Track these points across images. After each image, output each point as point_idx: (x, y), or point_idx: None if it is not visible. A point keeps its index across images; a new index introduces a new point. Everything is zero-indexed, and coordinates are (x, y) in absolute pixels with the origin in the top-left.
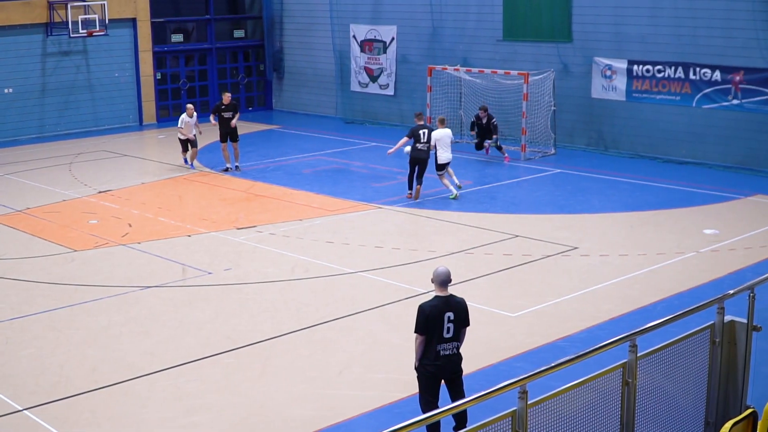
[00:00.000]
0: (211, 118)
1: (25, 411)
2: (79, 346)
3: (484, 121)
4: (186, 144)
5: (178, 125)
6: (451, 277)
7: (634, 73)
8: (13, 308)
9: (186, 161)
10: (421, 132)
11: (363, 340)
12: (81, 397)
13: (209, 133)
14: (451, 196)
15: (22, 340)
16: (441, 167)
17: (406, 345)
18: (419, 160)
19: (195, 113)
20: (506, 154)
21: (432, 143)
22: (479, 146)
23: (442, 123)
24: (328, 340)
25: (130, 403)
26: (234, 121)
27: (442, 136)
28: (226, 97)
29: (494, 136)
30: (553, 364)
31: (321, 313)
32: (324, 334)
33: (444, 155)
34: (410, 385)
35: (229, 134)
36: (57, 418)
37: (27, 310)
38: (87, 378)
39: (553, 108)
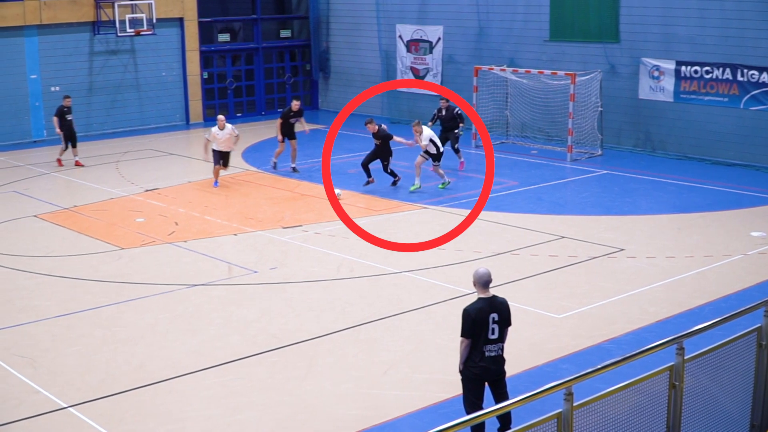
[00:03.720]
0: (279, 125)
1: (70, 408)
2: (125, 343)
3: (444, 113)
4: (220, 158)
5: (206, 136)
6: (492, 278)
7: (682, 74)
8: (60, 305)
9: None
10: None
11: (408, 340)
12: (127, 395)
13: (255, 134)
14: (441, 185)
15: (69, 337)
16: (439, 157)
17: (451, 345)
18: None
19: (228, 125)
20: (462, 159)
21: (425, 142)
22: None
23: (418, 125)
24: (374, 339)
25: (176, 400)
26: (305, 127)
27: (431, 133)
28: (296, 105)
29: (460, 125)
30: (599, 366)
31: (366, 313)
32: (369, 333)
33: (440, 148)
34: (455, 386)
35: (293, 135)
36: (102, 415)
37: (74, 307)
38: (133, 375)
39: (600, 109)
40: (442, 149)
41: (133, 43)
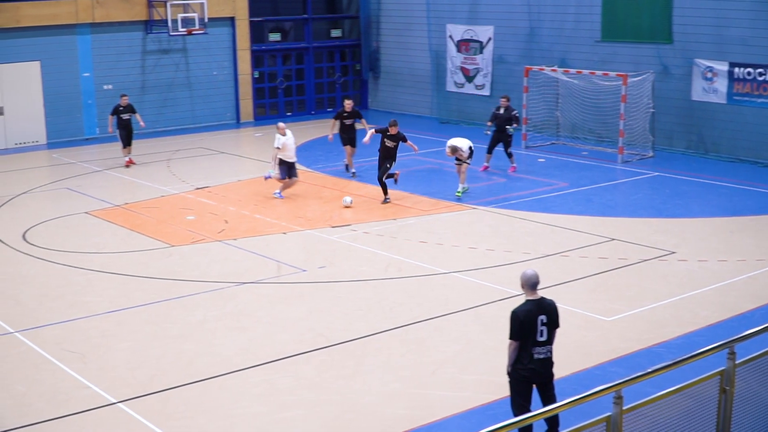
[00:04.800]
0: (333, 125)
1: (119, 404)
2: (175, 340)
3: (502, 111)
4: (288, 169)
5: (275, 145)
6: (540, 280)
7: (735, 76)
8: (111, 301)
9: (276, 180)
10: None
11: (457, 341)
12: (176, 391)
13: (305, 133)
14: (459, 192)
15: (119, 333)
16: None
17: (500, 347)
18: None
19: (288, 131)
20: (514, 164)
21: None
22: (492, 147)
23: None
24: (421, 339)
25: (225, 397)
26: (368, 133)
27: (466, 142)
28: (348, 104)
29: (513, 125)
30: (649, 370)
31: (414, 313)
32: (417, 333)
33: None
34: (503, 387)
35: (350, 140)
36: (151, 411)
37: (124, 303)
38: (182, 372)
39: (651, 110)
40: (472, 149)
41: (185, 42)
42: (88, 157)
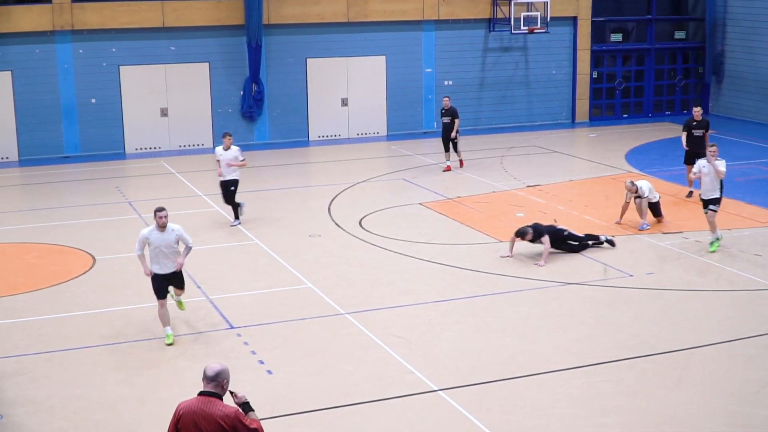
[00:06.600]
0: (683, 137)
1: (440, 392)
2: (497, 334)
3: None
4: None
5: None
6: None
7: None
8: (438, 292)
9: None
10: None
11: None
12: (495, 384)
13: (640, 136)
14: (712, 246)
15: (445, 322)
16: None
17: None
18: None
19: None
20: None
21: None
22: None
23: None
24: (749, 356)
25: (544, 396)
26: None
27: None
28: (697, 112)
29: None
30: None
31: (744, 328)
32: (745, 349)
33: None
34: None
35: (696, 155)
36: (471, 402)
37: (451, 294)
38: (503, 366)
39: None
40: (720, 195)
41: (526, 41)
42: (425, 150)
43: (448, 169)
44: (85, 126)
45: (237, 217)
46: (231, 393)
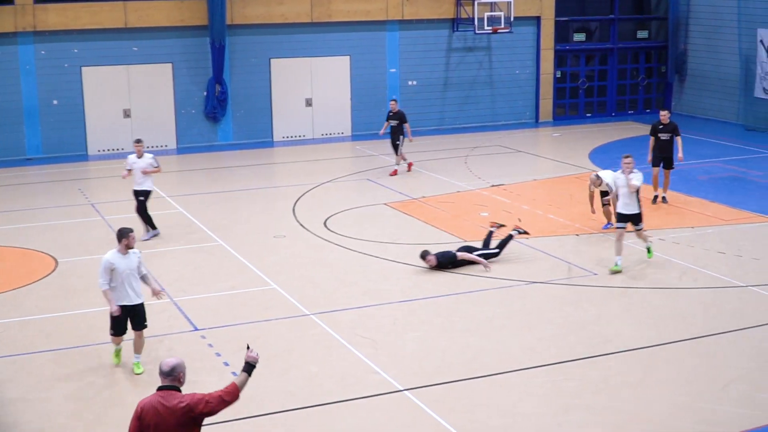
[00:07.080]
0: (650, 141)
1: (405, 391)
2: (462, 333)
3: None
4: None
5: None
6: None
7: None
8: (403, 292)
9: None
10: None
11: (752, 358)
12: (460, 384)
13: (604, 135)
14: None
15: (410, 322)
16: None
17: None
18: None
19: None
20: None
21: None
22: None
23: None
24: (713, 353)
25: (508, 395)
26: (680, 154)
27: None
28: (663, 116)
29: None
30: None
31: (708, 325)
32: (710, 347)
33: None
34: None
35: (663, 160)
36: (436, 401)
37: (416, 294)
38: (468, 366)
39: None
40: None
41: (490, 41)
42: (390, 151)
43: (395, 173)
44: (48, 128)
45: (154, 227)
46: (248, 347)
